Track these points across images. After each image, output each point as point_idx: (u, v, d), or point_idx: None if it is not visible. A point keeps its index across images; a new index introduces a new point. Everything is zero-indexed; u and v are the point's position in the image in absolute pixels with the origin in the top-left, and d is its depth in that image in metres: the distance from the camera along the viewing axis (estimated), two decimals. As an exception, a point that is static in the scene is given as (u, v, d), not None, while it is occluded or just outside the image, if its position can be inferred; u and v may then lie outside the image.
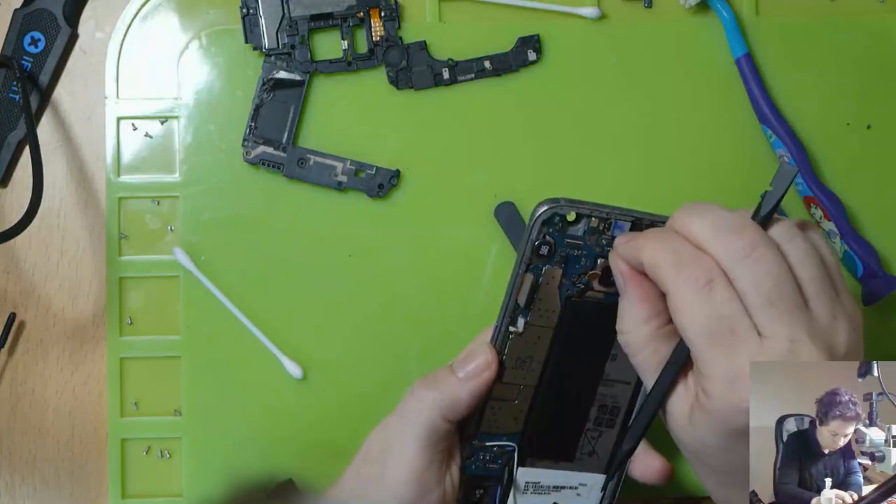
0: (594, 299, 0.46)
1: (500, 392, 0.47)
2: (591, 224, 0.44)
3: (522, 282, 0.45)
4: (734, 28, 0.58)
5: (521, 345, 0.46)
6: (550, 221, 0.44)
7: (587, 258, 0.45)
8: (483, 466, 0.48)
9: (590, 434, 0.48)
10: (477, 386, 0.45)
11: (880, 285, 0.57)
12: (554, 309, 0.45)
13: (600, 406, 0.47)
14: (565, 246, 0.45)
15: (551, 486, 0.49)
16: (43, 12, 0.58)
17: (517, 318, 0.45)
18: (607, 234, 0.45)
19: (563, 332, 0.46)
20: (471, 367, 0.45)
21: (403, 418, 0.46)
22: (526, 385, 0.47)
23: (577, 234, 0.44)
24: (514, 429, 0.47)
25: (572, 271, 0.45)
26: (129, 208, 0.58)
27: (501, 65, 0.59)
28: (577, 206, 0.44)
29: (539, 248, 0.44)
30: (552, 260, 0.45)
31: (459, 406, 0.45)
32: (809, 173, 0.58)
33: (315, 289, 0.58)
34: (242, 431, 0.58)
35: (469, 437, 0.47)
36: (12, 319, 0.58)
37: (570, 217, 0.44)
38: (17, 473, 0.59)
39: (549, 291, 0.45)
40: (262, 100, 0.58)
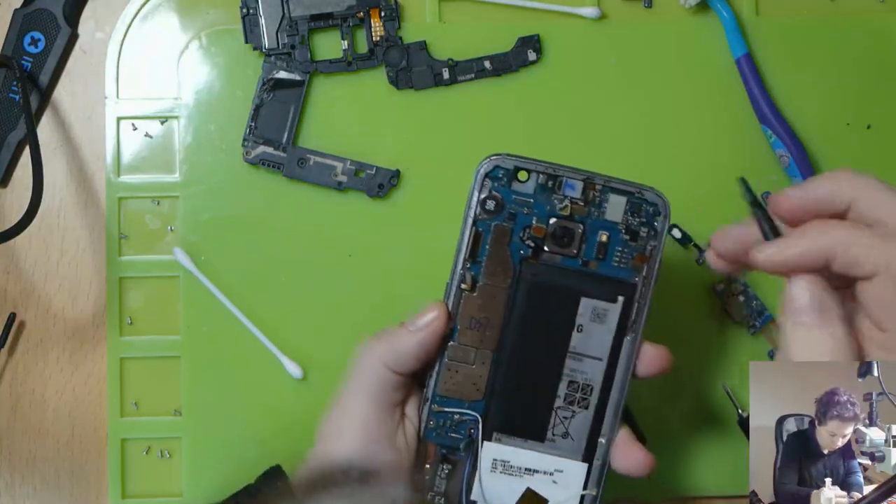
0: (551, 262, 0.46)
1: (456, 354, 0.46)
2: (541, 181, 0.45)
3: (469, 236, 0.45)
4: (734, 28, 0.58)
5: (474, 303, 0.46)
6: (495, 176, 0.45)
7: (539, 216, 0.45)
8: (444, 434, 0.47)
9: (561, 413, 0.47)
10: (425, 336, 0.45)
11: (880, 285, 0.57)
12: (507, 269, 0.45)
13: (570, 382, 0.46)
14: (514, 203, 0.45)
15: (523, 469, 0.47)
16: (43, 12, 0.58)
17: (466, 274, 0.46)
18: (559, 192, 0.45)
19: (519, 294, 0.46)
20: (418, 321, 0.46)
21: (352, 372, 0.46)
22: (483, 349, 0.46)
23: (526, 191, 0.45)
24: (475, 396, 0.47)
25: (522, 229, 0.45)
26: (129, 208, 0.58)
27: (501, 65, 0.59)
28: (520, 161, 0.45)
29: (485, 202, 0.45)
30: (500, 216, 0.45)
31: (406, 356, 0.45)
32: (809, 173, 0.58)
33: (315, 289, 0.58)
34: (242, 431, 0.58)
35: (427, 400, 0.47)
36: (12, 319, 0.58)
37: (521, 176, 0.45)
38: (17, 473, 0.59)
39: (500, 249, 0.45)
40: (262, 100, 0.58)
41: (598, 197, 0.46)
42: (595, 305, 0.46)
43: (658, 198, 0.46)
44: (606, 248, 0.46)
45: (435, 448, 0.47)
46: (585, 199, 0.46)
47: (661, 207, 0.46)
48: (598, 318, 0.46)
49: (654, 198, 0.46)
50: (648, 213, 0.46)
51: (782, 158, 0.58)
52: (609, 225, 0.46)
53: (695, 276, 0.59)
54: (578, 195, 0.46)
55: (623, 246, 0.46)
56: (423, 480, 0.47)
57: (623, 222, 0.46)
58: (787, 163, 0.58)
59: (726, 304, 0.59)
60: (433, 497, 0.47)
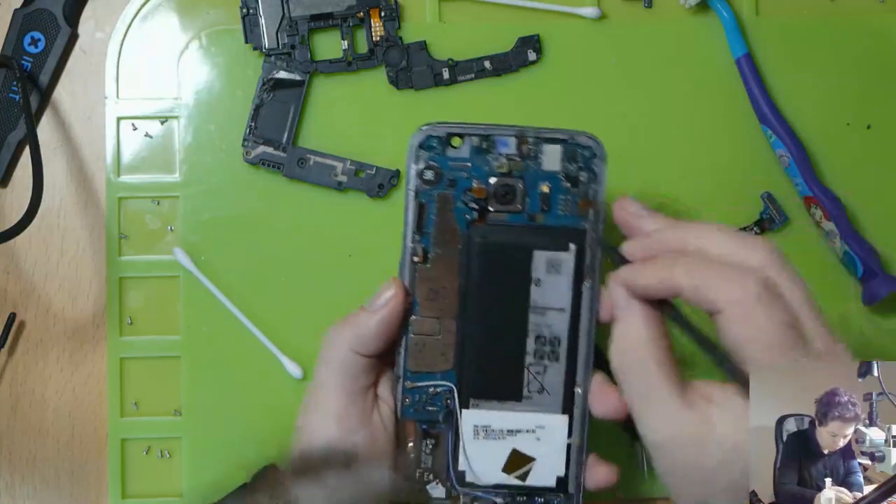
0: (498, 221, 0.46)
1: (420, 327, 0.46)
2: (475, 144, 0.46)
3: (413, 209, 0.46)
4: (734, 28, 0.58)
5: (429, 274, 0.46)
6: (428, 145, 0.45)
7: (478, 179, 0.46)
8: (421, 409, 0.47)
9: (533, 369, 0.47)
10: (385, 315, 0.45)
11: (880, 285, 0.57)
12: (455, 235, 0.46)
13: (537, 337, 0.46)
14: (451, 169, 0.46)
15: (505, 430, 0.47)
16: (43, 12, 0.58)
17: (417, 246, 0.46)
18: (493, 151, 0.46)
19: (471, 258, 0.46)
20: (377, 301, 0.46)
21: (320, 360, 0.46)
22: (446, 318, 0.46)
23: (462, 156, 0.45)
24: (446, 366, 0.47)
25: (464, 193, 0.46)
26: (129, 208, 0.58)
27: (501, 65, 0.59)
28: (451, 126, 0.45)
29: (423, 172, 0.45)
30: (440, 185, 0.46)
31: (368, 338, 0.45)
32: (809, 173, 0.58)
33: (315, 289, 0.58)
34: (242, 431, 0.58)
35: (399, 378, 0.47)
36: (12, 319, 0.58)
37: (454, 142, 0.45)
38: (17, 473, 0.59)
39: (446, 217, 0.46)
40: (262, 100, 0.58)
41: (533, 150, 0.46)
42: (548, 257, 0.46)
43: (591, 140, 0.46)
44: (549, 198, 0.46)
45: (415, 425, 0.47)
46: (521, 153, 0.46)
47: (596, 149, 0.46)
48: (554, 268, 0.46)
49: (588, 141, 0.46)
50: (585, 157, 0.46)
51: (782, 158, 0.58)
52: (548, 175, 0.46)
53: (695, 276, 0.59)
54: (513, 151, 0.46)
55: (565, 194, 0.46)
56: (407, 459, 0.47)
57: (562, 170, 0.46)
58: (787, 163, 0.58)
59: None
60: (421, 474, 0.47)
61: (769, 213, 0.59)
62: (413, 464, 0.47)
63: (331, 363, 0.46)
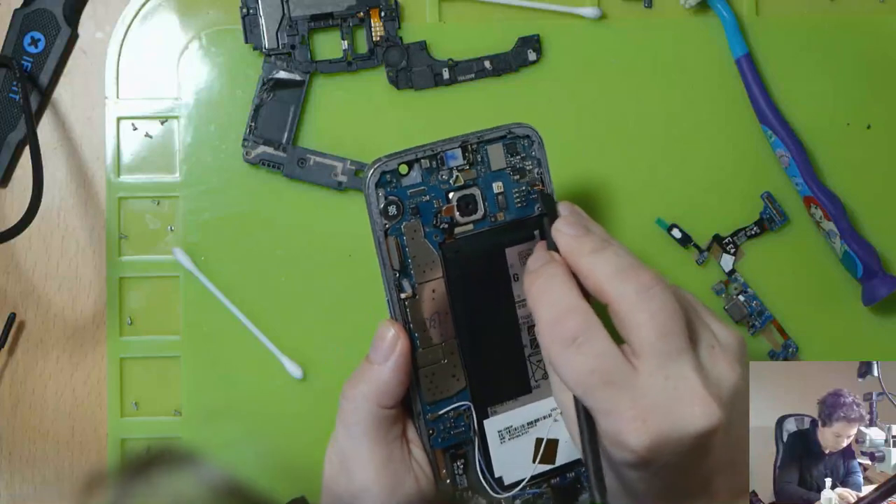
0: (467, 233, 0.47)
1: (425, 358, 0.46)
2: (425, 166, 0.46)
3: (388, 247, 0.45)
4: (734, 28, 0.58)
5: (420, 306, 0.46)
6: (383, 181, 0.45)
7: (438, 198, 0.46)
8: (448, 435, 0.47)
9: (534, 358, 0.48)
10: (396, 363, 0.45)
11: (880, 285, 0.57)
12: (433, 259, 0.46)
13: (529, 328, 0.48)
14: (410, 197, 0.46)
15: (525, 424, 0.48)
16: (43, 12, 0.58)
17: (402, 283, 0.46)
18: (444, 167, 0.46)
19: (453, 276, 0.46)
20: (382, 349, 0.45)
21: (345, 424, 0.45)
22: (447, 341, 0.47)
23: (416, 181, 0.46)
24: (459, 386, 0.47)
25: (430, 217, 0.46)
26: (129, 208, 0.58)
27: (501, 65, 0.59)
28: (398, 157, 0.46)
29: (386, 209, 0.46)
30: (405, 216, 0.46)
31: (389, 389, 0.45)
32: (809, 173, 0.58)
33: (315, 289, 0.58)
34: (242, 431, 0.58)
35: (419, 414, 0.47)
36: (12, 319, 0.58)
37: (402, 170, 0.46)
38: (17, 473, 0.59)
39: (419, 245, 0.46)
40: (262, 100, 0.58)
41: (478, 155, 0.47)
42: (520, 250, 0.47)
43: (527, 129, 0.48)
44: (505, 195, 0.47)
45: (442, 452, 0.48)
46: (469, 162, 0.47)
47: (533, 136, 0.48)
48: (526, 259, 0.47)
49: (524, 130, 0.48)
50: (525, 146, 0.48)
51: (782, 158, 0.58)
52: (498, 174, 0.47)
53: (695, 276, 0.59)
54: (462, 162, 0.47)
55: (516, 186, 0.47)
56: (445, 486, 0.47)
57: (508, 166, 0.47)
58: (787, 163, 0.58)
59: (726, 304, 0.59)
60: (461, 494, 0.48)
61: (769, 213, 0.59)
62: (450, 488, 0.48)
63: (361, 423, 0.45)
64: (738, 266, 0.59)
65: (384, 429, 0.45)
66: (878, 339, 0.60)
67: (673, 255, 0.59)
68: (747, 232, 0.59)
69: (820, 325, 0.60)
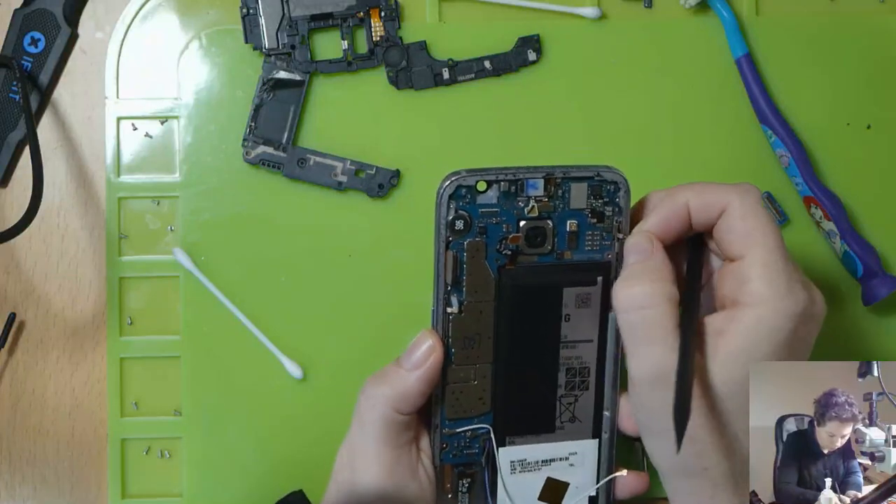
0: (528, 263, 0.46)
1: (456, 375, 0.46)
2: (503, 189, 0.45)
3: (446, 260, 0.45)
4: (734, 28, 0.58)
5: (464, 324, 0.45)
6: (458, 195, 0.44)
7: (508, 223, 0.45)
8: (460, 454, 0.47)
9: (564, 400, 0.47)
10: (424, 373, 0.45)
11: (880, 285, 0.57)
12: (488, 281, 0.45)
13: (567, 370, 0.47)
14: (481, 216, 0.45)
15: (540, 461, 0.48)
16: (43, 12, 0.58)
17: (451, 297, 0.45)
18: (522, 194, 0.45)
19: (504, 303, 0.46)
20: (415, 357, 0.45)
21: (361, 421, 0.46)
22: (481, 363, 0.46)
23: (490, 202, 0.44)
24: (483, 409, 0.47)
25: (496, 240, 0.45)
26: (129, 208, 0.58)
27: (501, 65, 0.59)
28: (479, 174, 0.44)
29: (454, 223, 0.44)
30: (471, 233, 0.45)
31: (410, 397, 0.45)
32: (809, 173, 0.58)
33: (315, 289, 0.58)
34: (242, 431, 0.58)
35: (437, 427, 0.47)
36: (12, 319, 0.58)
37: (479, 187, 0.44)
38: (17, 473, 0.59)
39: (478, 265, 0.45)
40: (262, 100, 0.58)
41: (560, 189, 0.45)
42: (577, 292, 0.46)
43: (616, 174, 0.46)
44: (577, 235, 0.46)
45: (450, 468, 0.48)
46: (548, 194, 0.45)
47: (621, 184, 0.46)
48: (583, 303, 0.46)
49: (613, 176, 0.46)
50: (609, 191, 0.46)
51: (782, 158, 0.58)
52: (575, 213, 0.46)
53: (695, 276, 0.59)
54: (541, 193, 0.45)
55: (592, 229, 0.46)
56: (447, 502, 0.47)
57: (588, 207, 0.46)
58: (787, 163, 0.58)
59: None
60: None
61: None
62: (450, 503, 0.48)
63: (375, 423, 0.45)
64: (738, 266, 0.59)
65: (396, 432, 0.45)
66: (878, 339, 0.60)
67: (673, 255, 0.59)
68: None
69: (820, 325, 0.60)
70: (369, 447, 0.45)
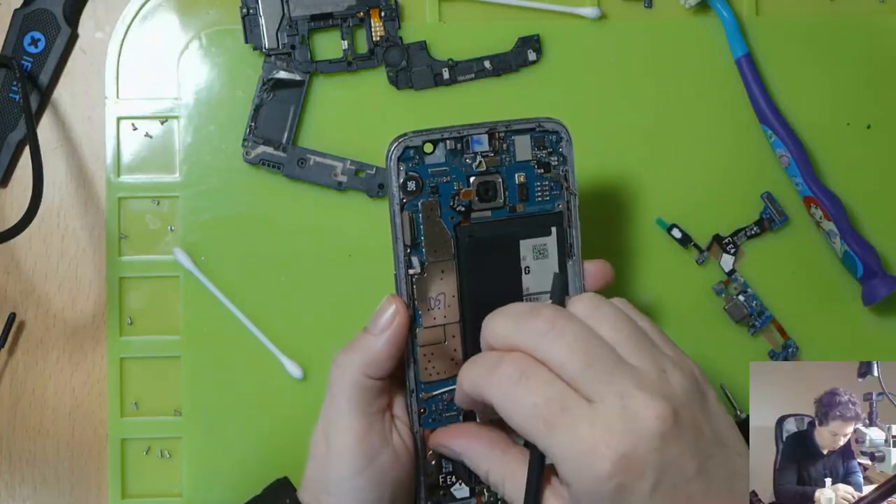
0: (483, 219, 0.47)
1: (427, 337, 0.46)
2: (449, 147, 0.46)
3: (402, 222, 0.46)
4: (734, 28, 0.58)
5: (427, 284, 0.46)
6: (406, 157, 0.46)
7: (458, 181, 0.46)
8: (440, 417, 0.47)
9: None
10: (391, 335, 0.45)
11: (880, 285, 0.57)
12: (446, 240, 0.46)
13: None
14: (431, 176, 0.46)
15: None
16: (43, 12, 0.58)
17: (411, 258, 0.46)
18: (468, 151, 0.46)
19: (464, 259, 0.47)
20: (381, 321, 0.45)
21: (332, 392, 0.46)
22: (450, 323, 0.47)
23: (439, 161, 0.46)
24: (457, 369, 0.46)
25: (448, 198, 0.46)
26: (129, 208, 0.58)
27: (501, 65, 0.59)
28: (424, 134, 0.46)
29: (405, 184, 0.46)
30: (423, 194, 0.46)
31: (380, 361, 0.45)
32: (809, 173, 0.58)
33: (315, 289, 0.58)
34: (242, 431, 0.58)
35: (412, 392, 0.47)
36: (12, 319, 0.58)
37: (426, 148, 0.46)
38: (17, 473, 0.59)
39: (433, 224, 0.46)
40: (262, 100, 0.58)
41: (504, 143, 0.47)
42: (534, 244, 0.47)
43: (557, 124, 0.48)
44: (527, 187, 0.47)
45: (431, 433, 0.47)
46: (494, 149, 0.47)
47: (562, 133, 0.48)
48: (540, 254, 0.47)
49: (554, 126, 0.48)
50: (552, 141, 0.48)
51: (782, 158, 0.58)
52: (522, 165, 0.47)
53: (695, 276, 0.59)
54: (487, 148, 0.47)
55: (540, 180, 0.48)
56: (429, 468, 0.47)
57: (533, 158, 0.47)
58: (787, 163, 0.58)
59: (726, 303, 0.59)
60: (444, 478, 0.48)
61: (769, 213, 0.59)
62: (435, 471, 0.47)
63: (345, 390, 0.45)
64: (738, 266, 0.59)
65: (368, 399, 0.45)
66: (878, 339, 0.60)
67: (673, 255, 0.59)
68: (747, 232, 0.59)
69: (820, 325, 0.60)
70: (342, 416, 0.45)
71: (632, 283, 0.59)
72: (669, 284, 0.59)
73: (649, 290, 0.59)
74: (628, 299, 0.54)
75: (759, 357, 0.59)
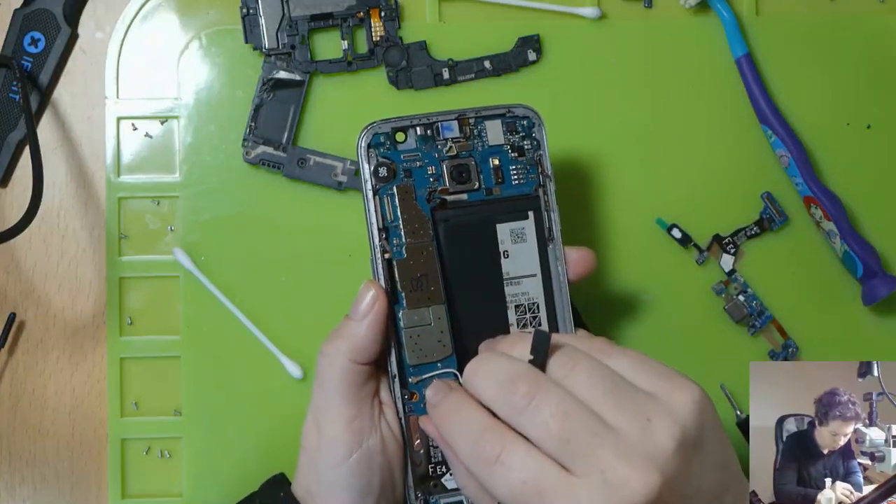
0: (460, 202, 0.47)
1: (411, 319, 0.47)
2: (420, 134, 0.47)
3: (375, 206, 0.47)
4: (734, 28, 0.58)
5: (409, 266, 0.47)
6: (376, 143, 0.47)
7: (431, 165, 0.47)
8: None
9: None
10: (373, 320, 0.46)
11: (880, 285, 0.57)
12: (423, 221, 0.47)
13: (517, 306, 0.48)
14: (404, 161, 0.47)
15: None
16: (43, 12, 0.58)
17: (387, 243, 0.47)
18: (439, 137, 0.47)
19: (444, 242, 0.47)
20: (361, 307, 0.46)
21: (320, 381, 0.46)
22: (435, 304, 0.47)
23: (410, 147, 0.47)
24: (445, 353, 0.47)
25: (422, 182, 0.47)
26: (129, 208, 0.58)
27: (501, 65, 0.59)
28: (393, 122, 0.47)
29: (377, 170, 0.47)
30: (397, 178, 0.47)
31: (364, 345, 0.46)
32: (809, 173, 0.58)
33: (315, 289, 0.58)
34: (242, 431, 0.58)
35: (394, 377, 0.47)
36: (12, 319, 0.58)
37: (398, 137, 0.47)
38: (17, 473, 0.59)
39: (410, 207, 0.47)
40: (262, 100, 0.58)
41: (475, 129, 0.48)
42: (511, 228, 0.48)
43: (527, 110, 0.49)
44: (501, 170, 0.48)
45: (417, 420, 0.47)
46: (465, 135, 0.48)
47: (534, 118, 0.49)
48: (519, 237, 0.48)
49: (524, 111, 0.49)
50: (525, 126, 0.49)
51: (782, 158, 0.58)
52: (495, 149, 0.48)
53: (695, 276, 0.59)
54: (457, 133, 0.48)
55: (514, 164, 0.48)
56: (418, 456, 0.47)
57: (506, 142, 0.48)
58: (786, 163, 0.58)
59: (726, 304, 0.59)
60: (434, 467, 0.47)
61: (769, 213, 0.59)
62: (424, 460, 0.47)
63: (334, 378, 0.46)
64: (738, 266, 0.59)
65: (356, 386, 0.46)
66: (878, 339, 0.60)
67: (673, 255, 0.59)
68: (747, 232, 0.59)
69: (820, 325, 0.60)
70: (331, 404, 0.46)
71: (632, 283, 0.59)
72: (669, 284, 0.59)
73: (649, 290, 0.59)
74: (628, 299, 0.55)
75: (759, 357, 0.59)
